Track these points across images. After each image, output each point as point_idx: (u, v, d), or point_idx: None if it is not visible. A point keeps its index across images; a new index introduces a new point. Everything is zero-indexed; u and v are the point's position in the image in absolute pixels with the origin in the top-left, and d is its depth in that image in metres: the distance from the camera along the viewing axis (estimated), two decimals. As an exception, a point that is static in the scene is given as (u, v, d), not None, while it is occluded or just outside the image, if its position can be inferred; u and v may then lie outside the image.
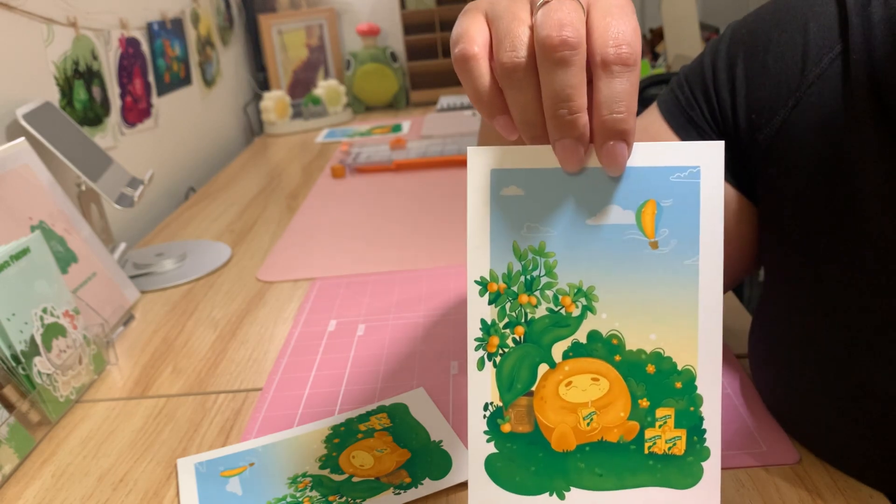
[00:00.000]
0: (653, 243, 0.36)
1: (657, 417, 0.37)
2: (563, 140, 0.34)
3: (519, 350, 0.38)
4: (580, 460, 0.38)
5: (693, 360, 0.36)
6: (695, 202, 0.36)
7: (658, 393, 0.37)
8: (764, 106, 0.49)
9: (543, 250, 0.37)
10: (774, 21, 0.50)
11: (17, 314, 0.63)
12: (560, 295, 0.37)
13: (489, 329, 0.38)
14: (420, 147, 1.45)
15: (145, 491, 0.55)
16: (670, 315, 0.36)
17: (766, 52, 0.50)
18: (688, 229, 0.36)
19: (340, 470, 0.54)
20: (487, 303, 0.38)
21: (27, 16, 1.01)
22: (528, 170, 0.37)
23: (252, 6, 1.99)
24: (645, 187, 0.36)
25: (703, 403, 0.37)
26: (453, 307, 0.79)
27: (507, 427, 0.38)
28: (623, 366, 0.37)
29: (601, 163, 0.35)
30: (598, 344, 0.37)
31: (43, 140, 0.90)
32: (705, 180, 0.36)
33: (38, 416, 0.64)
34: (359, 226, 1.08)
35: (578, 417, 0.38)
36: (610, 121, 0.34)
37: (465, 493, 0.51)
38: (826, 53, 0.46)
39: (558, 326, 0.37)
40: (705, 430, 0.37)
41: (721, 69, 0.52)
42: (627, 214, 0.36)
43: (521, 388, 0.38)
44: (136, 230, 1.24)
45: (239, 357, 0.74)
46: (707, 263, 0.36)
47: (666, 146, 0.36)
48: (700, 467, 0.37)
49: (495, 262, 0.38)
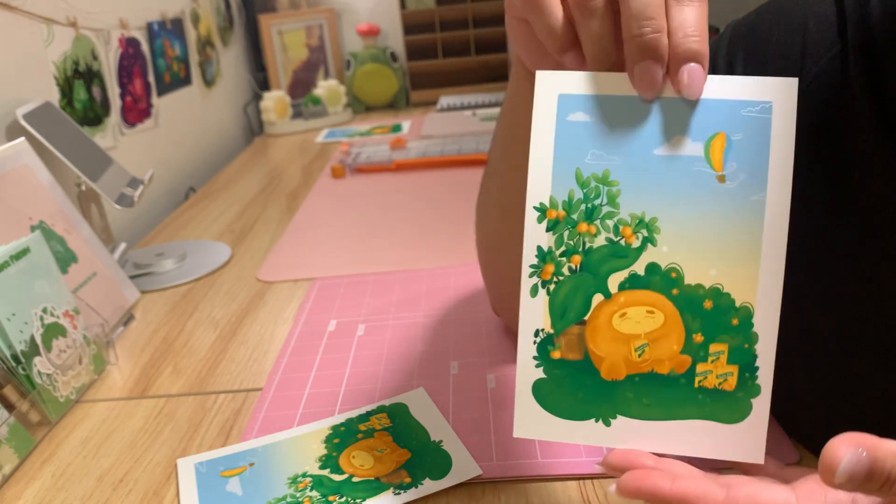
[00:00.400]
0: (720, 177, 0.36)
1: (710, 353, 0.37)
2: (643, 62, 0.34)
3: (574, 279, 0.37)
4: (629, 390, 0.37)
5: (752, 297, 0.36)
6: (765, 137, 0.35)
7: (713, 328, 0.36)
8: None
9: (607, 178, 0.37)
10: (774, 20, 0.50)
11: (17, 314, 0.63)
12: (621, 225, 0.37)
13: (545, 256, 0.37)
14: (420, 147, 1.45)
15: (145, 491, 0.55)
16: (732, 251, 0.36)
17: (765, 51, 0.50)
18: (757, 164, 0.35)
19: (340, 470, 0.54)
20: (545, 229, 0.37)
21: (27, 16, 1.01)
22: (597, 96, 0.37)
23: (252, 6, 1.99)
24: (715, 120, 0.36)
25: (759, 341, 0.36)
26: (454, 307, 0.79)
27: (558, 354, 0.38)
28: (680, 300, 0.37)
29: (677, 88, 0.35)
30: (657, 277, 0.37)
31: (43, 140, 0.90)
32: (777, 116, 0.35)
33: (38, 416, 0.64)
34: (359, 226, 1.08)
35: (630, 348, 0.37)
36: (685, 42, 0.34)
37: (465, 493, 0.51)
38: (825, 53, 0.46)
39: (617, 257, 0.37)
40: (758, 368, 0.36)
41: (721, 67, 0.52)
42: (696, 146, 0.36)
43: (573, 317, 0.38)
44: (136, 230, 1.24)
45: (239, 357, 0.74)
46: (774, 200, 0.35)
47: (739, 80, 0.36)
48: (749, 403, 0.36)
49: (556, 188, 0.37)
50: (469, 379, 0.65)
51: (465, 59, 1.92)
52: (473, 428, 0.57)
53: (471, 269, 0.87)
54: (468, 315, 0.77)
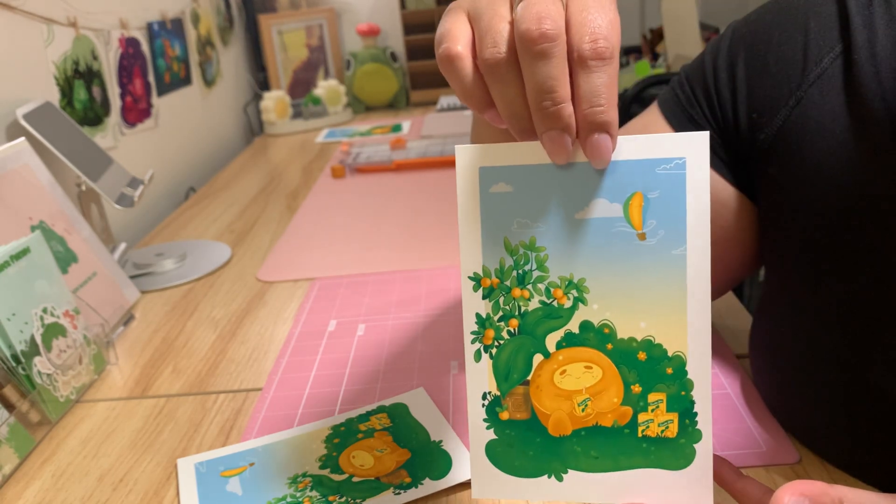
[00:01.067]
0: (641, 234, 0.37)
1: (649, 402, 0.38)
2: (549, 132, 0.35)
3: (514, 341, 0.39)
4: (576, 444, 0.39)
5: (683, 346, 0.37)
6: (681, 193, 0.36)
7: (650, 378, 0.38)
8: (765, 105, 0.49)
9: (534, 245, 0.38)
10: (775, 20, 0.50)
11: (17, 314, 0.63)
12: (552, 287, 0.38)
13: (484, 322, 0.39)
14: (420, 147, 1.45)
15: (145, 491, 0.55)
16: (660, 303, 0.37)
17: (766, 51, 0.50)
18: (675, 220, 0.37)
19: (340, 470, 0.54)
20: (482, 297, 0.39)
21: (27, 16, 1.01)
22: (516, 166, 0.38)
23: (252, 6, 1.99)
24: (631, 180, 0.37)
25: (694, 388, 0.37)
26: (453, 307, 0.79)
27: (506, 415, 0.39)
28: (615, 354, 0.38)
29: (586, 156, 0.36)
30: (591, 333, 0.38)
31: (43, 140, 0.90)
32: (691, 171, 0.36)
33: (38, 416, 0.64)
34: (359, 225, 1.08)
35: (573, 404, 0.39)
36: (591, 114, 0.34)
37: (465, 493, 0.51)
38: (827, 53, 0.46)
39: (551, 318, 0.38)
40: (696, 413, 0.37)
41: (722, 68, 0.52)
42: (615, 207, 0.37)
43: (517, 378, 0.39)
44: (136, 230, 1.24)
45: (239, 357, 0.74)
46: (694, 252, 0.37)
47: (651, 139, 0.37)
48: (692, 449, 0.38)
49: (487, 257, 0.39)
50: (469, 379, 0.65)
51: (465, 59, 1.92)
52: (473, 428, 0.57)
53: (471, 269, 0.87)
54: (468, 315, 0.77)
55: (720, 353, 0.64)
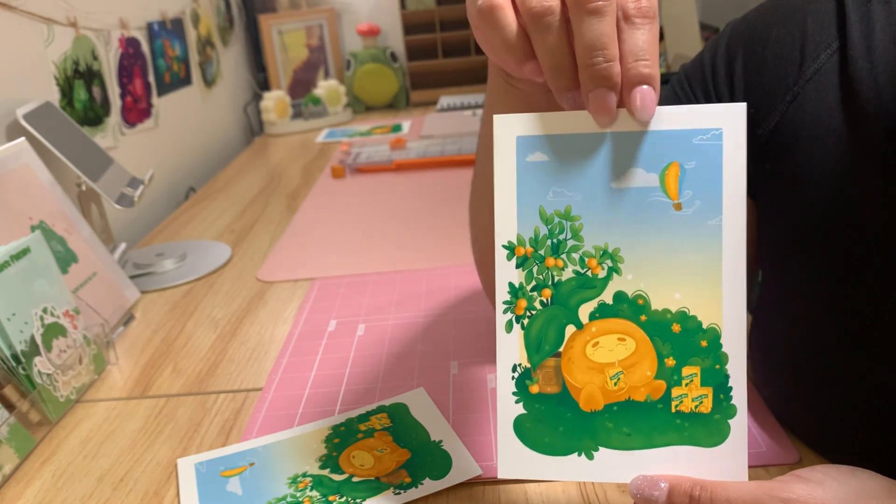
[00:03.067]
0: (676, 205, 0.37)
1: (683, 376, 0.37)
2: (597, 89, 0.35)
3: (546, 312, 0.38)
4: (608, 420, 0.38)
5: (718, 318, 0.37)
6: (717, 163, 0.36)
7: (684, 351, 0.37)
8: (762, 102, 0.49)
9: (569, 214, 0.38)
10: (773, 17, 0.51)
11: (17, 314, 0.63)
12: (586, 257, 0.38)
13: (517, 292, 0.39)
14: (420, 147, 1.45)
15: (145, 491, 0.55)
16: (695, 275, 0.37)
17: (764, 49, 0.50)
18: (711, 190, 0.36)
19: (340, 470, 0.54)
20: (515, 266, 0.39)
21: (27, 16, 1.01)
22: (553, 136, 0.38)
23: (252, 6, 1.99)
24: (668, 150, 0.37)
25: (729, 361, 0.37)
26: (453, 307, 0.79)
27: (536, 388, 0.39)
28: (649, 325, 0.38)
29: (631, 109, 0.36)
30: (624, 304, 0.38)
31: (43, 140, 0.90)
32: (728, 142, 0.36)
33: (38, 416, 0.64)
34: (359, 226, 1.08)
35: (606, 377, 0.38)
36: (635, 67, 0.35)
37: (465, 493, 0.51)
38: (824, 49, 0.46)
39: (585, 288, 0.38)
40: (731, 388, 0.37)
41: (720, 66, 0.53)
42: (651, 177, 0.37)
43: (548, 350, 0.38)
44: (136, 230, 1.24)
45: (239, 357, 0.74)
46: (730, 223, 0.36)
47: (687, 109, 0.37)
48: (727, 425, 0.37)
49: (522, 226, 0.38)
50: (469, 379, 0.65)
51: (465, 59, 1.92)
52: (473, 428, 0.57)
53: (471, 269, 0.87)
54: (468, 315, 0.77)
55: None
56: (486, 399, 0.61)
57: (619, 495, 0.49)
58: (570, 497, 0.49)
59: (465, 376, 0.65)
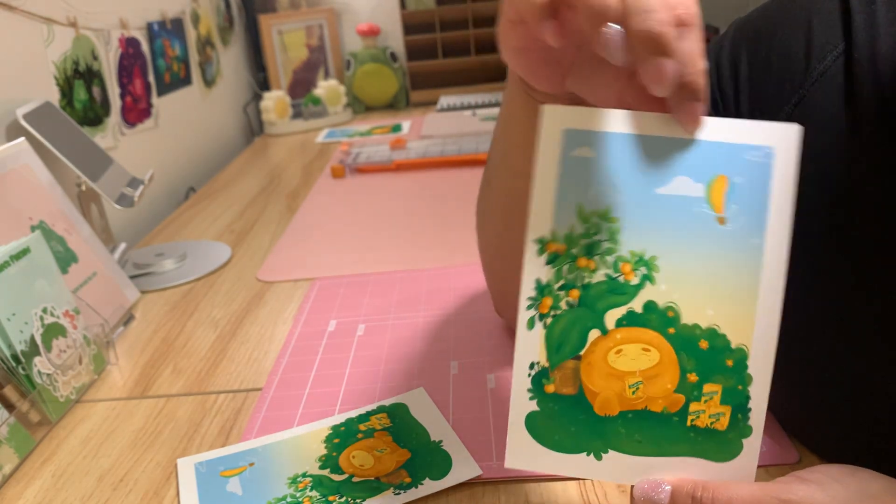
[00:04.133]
0: (720, 218, 0.36)
1: (704, 392, 0.37)
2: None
3: (571, 313, 0.37)
4: (621, 426, 0.37)
5: (748, 339, 0.36)
6: (766, 182, 0.36)
7: (708, 369, 0.36)
8: (767, 103, 0.49)
9: (608, 215, 0.37)
10: (778, 18, 0.50)
11: (17, 314, 0.63)
12: (620, 262, 0.37)
13: (543, 290, 0.37)
14: (420, 147, 1.45)
15: (145, 491, 0.55)
16: (730, 292, 0.36)
17: (769, 50, 0.50)
18: (757, 208, 0.36)
19: (340, 470, 0.54)
20: (545, 263, 0.37)
21: (27, 16, 1.01)
22: (602, 132, 0.37)
23: (252, 6, 1.99)
24: (717, 162, 0.36)
25: (753, 383, 0.36)
26: (453, 307, 0.79)
27: (552, 388, 0.38)
28: (676, 339, 0.37)
29: (681, 121, 0.35)
30: (654, 315, 0.37)
31: (43, 140, 0.90)
32: (779, 161, 0.35)
33: (38, 416, 0.64)
34: (359, 226, 1.08)
35: (625, 385, 0.37)
36: (689, 80, 0.35)
37: (465, 493, 0.51)
38: (829, 51, 0.46)
39: (615, 293, 0.37)
40: (750, 409, 0.36)
41: (724, 66, 0.52)
42: (698, 187, 0.36)
43: (569, 352, 0.38)
44: (136, 230, 1.24)
45: (239, 357, 0.74)
46: (773, 244, 0.36)
47: (741, 123, 0.36)
48: (740, 444, 0.37)
49: (558, 222, 0.37)
50: (469, 379, 0.65)
51: (465, 59, 1.92)
52: (473, 428, 0.57)
53: (471, 270, 0.87)
54: (468, 315, 0.77)
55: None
56: (486, 399, 0.61)
57: (619, 495, 0.49)
58: (570, 497, 0.49)
59: (465, 376, 0.65)
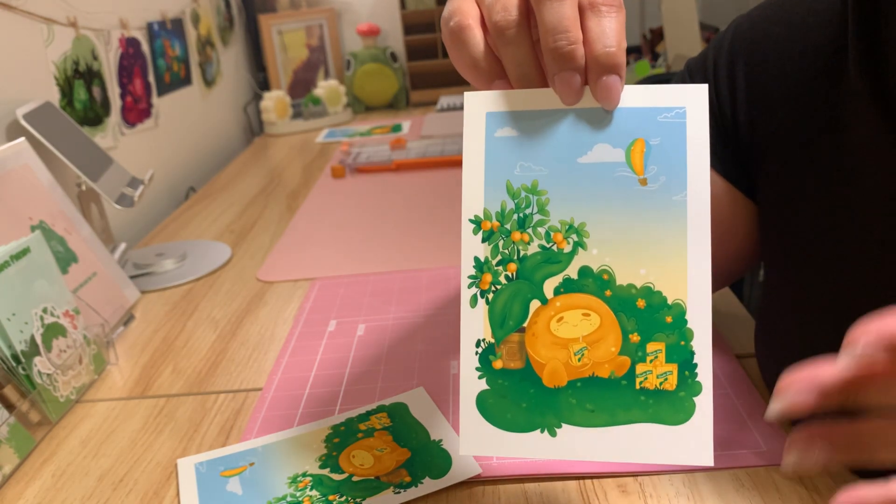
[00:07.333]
0: (642, 180, 0.37)
1: (648, 352, 0.37)
2: (562, 72, 0.36)
3: (511, 287, 0.39)
4: (571, 396, 0.38)
5: (683, 294, 0.37)
6: (681, 140, 0.37)
7: (649, 327, 0.37)
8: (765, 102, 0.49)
9: (536, 188, 0.38)
10: (775, 16, 0.51)
11: (17, 314, 0.63)
12: (552, 232, 0.38)
13: (482, 266, 0.39)
14: (420, 147, 1.45)
15: (145, 491, 0.55)
16: (660, 250, 0.37)
17: (767, 48, 0.50)
18: (675, 166, 0.37)
19: (340, 469, 0.54)
20: (481, 241, 0.39)
21: (27, 16, 1.01)
22: (521, 112, 0.38)
23: (252, 6, 1.99)
24: (633, 127, 0.37)
25: (694, 337, 0.37)
26: (453, 307, 0.79)
27: (499, 363, 0.39)
28: (614, 301, 0.38)
29: (596, 97, 0.37)
30: (589, 279, 0.38)
31: (43, 140, 0.90)
32: (691, 120, 0.37)
33: (38, 416, 0.64)
34: (359, 226, 1.08)
35: (570, 353, 0.38)
36: (603, 55, 0.35)
37: (465, 493, 0.51)
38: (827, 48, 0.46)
39: (550, 263, 0.38)
40: (696, 365, 0.37)
41: (722, 65, 0.53)
42: (617, 152, 0.38)
43: (512, 325, 0.39)
44: (136, 230, 1.24)
45: (239, 357, 0.74)
46: (694, 199, 0.37)
47: (652, 88, 0.37)
48: (692, 402, 0.37)
49: (489, 200, 0.39)
50: (469, 379, 0.65)
51: (465, 59, 1.92)
52: (473, 428, 0.57)
53: (471, 269, 0.87)
54: (468, 315, 0.77)
55: (720, 353, 0.64)
56: (486, 399, 0.61)
57: (619, 496, 0.49)
58: (570, 497, 0.49)
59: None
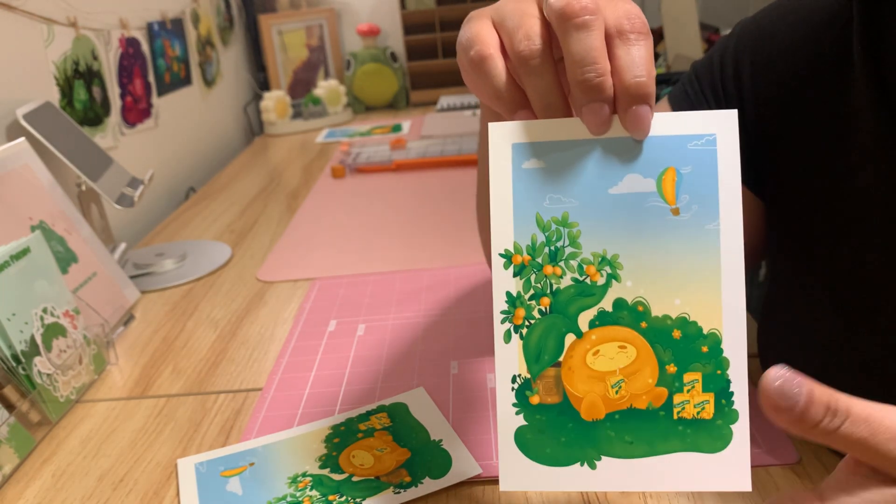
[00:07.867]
0: (674, 210, 0.37)
1: (685, 382, 0.37)
2: (591, 104, 0.35)
3: (545, 321, 0.38)
4: (610, 429, 0.38)
5: (718, 323, 0.37)
6: (713, 168, 0.37)
7: (685, 358, 0.37)
8: (771, 99, 0.49)
9: (567, 220, 0.38)
10: (780, 15, 0.51)
11: (17, 314, 0.63)
12: (585, 264, 0.38)
13: (515, 301, 0.38)
14: (420, 147, 1.45)
15: (145, 491, 0.55)
16: (694, 280, 0.37)
17: (771, 46, 0.50)
18: (707, 195, 0.37)
19: (340, 469, 0.54)
20: (512, 275, 0.38)
21: (27, 16, 1.01)
22: (548, 142, 0.38)
23: (252, 6, 1.99)
24: (664, 155, 0.37)
25: (730, 366, 0.37)
26: (453, 307, 0.79)
27: (536, 399, 0.38)
28: (649, 332, 0.37)
29: (626, 127, 0.36)
30: (624, 312, 0.37)
31: (43, 140, 0.90)
32: (721, 147, 0.37)
33: (38, 416, 0.64)
34: (359, 226, 1.08)
35: (607, 386, 0.38)
36: (634, 85, 0.35)
37: (465, 493, 0.51)
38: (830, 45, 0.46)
39: (584, 296, 0.38)
40: (733, 393, 0.37)
41: (728, 64, 0.53)
42: (648, 182, 0.37)
43: (548, 360, 0.38)
44: (136, 230, 1.24)
45: (239, 357, 0.74)
46: (727, 227, 0.37)
47: (681, 115, 0.37)
48: (729, 430, 0.37)
49: (519, 234, 0.38)
50: (469, 378, 0.65)
51: (465, 59, 1.92)
52: (473, 427, 0.57)
53: (471, 269, 0.87)
54: (468, 315, 0.77)
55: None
56: (486, 399, 0.61)
57: (619, 496, 0.49)
58: (570, 497, 0.49)
59: (465, 376, 0.65)
